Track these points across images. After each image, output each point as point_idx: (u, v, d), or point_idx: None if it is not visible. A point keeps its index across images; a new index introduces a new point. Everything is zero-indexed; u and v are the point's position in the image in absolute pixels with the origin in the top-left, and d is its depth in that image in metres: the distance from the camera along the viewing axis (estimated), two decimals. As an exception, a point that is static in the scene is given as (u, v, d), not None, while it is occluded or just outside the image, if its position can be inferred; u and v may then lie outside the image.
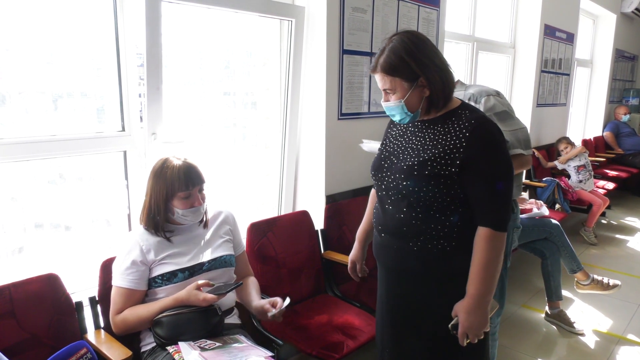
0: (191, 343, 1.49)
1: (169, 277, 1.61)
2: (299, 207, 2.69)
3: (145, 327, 1.60)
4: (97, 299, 1.72)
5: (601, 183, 5.07)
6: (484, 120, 1.38)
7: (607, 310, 3.11)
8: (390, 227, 1.47)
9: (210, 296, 1.53)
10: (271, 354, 1.52)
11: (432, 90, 1.37)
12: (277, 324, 2.07)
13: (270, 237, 2.25)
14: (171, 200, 1.62)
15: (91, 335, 1.67)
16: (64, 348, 1.45)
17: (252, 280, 1.86)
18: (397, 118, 1.45)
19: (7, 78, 1.73)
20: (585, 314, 3.07)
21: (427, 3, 2.97)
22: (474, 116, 1.38)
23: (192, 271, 1.64)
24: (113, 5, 1.86)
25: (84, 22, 1.85)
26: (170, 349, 1.49)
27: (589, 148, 5.53)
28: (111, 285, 1.62)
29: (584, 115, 6.54)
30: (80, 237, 1.98)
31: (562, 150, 4.67)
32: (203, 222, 1.74)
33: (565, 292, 3.05)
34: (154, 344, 1.58)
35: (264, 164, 2.63)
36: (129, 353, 1.54)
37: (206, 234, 1.74)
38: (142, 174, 2.00)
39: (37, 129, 1.78)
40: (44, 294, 1.60)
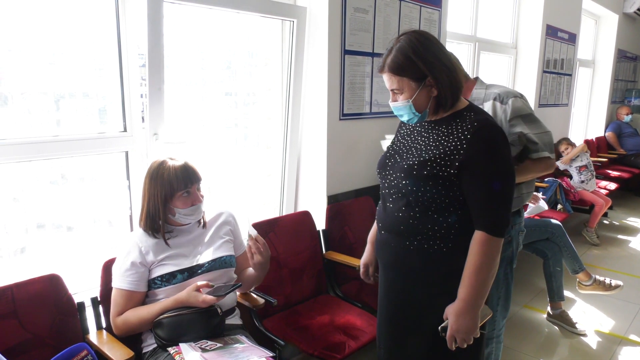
0: (192, 344, 1.49)
1: (168, 278, 1.61)
2: (300, 208, 2.69)
3: (146, 328, 1.60)
4: (99, 299, 1.73)
5: (603, 183, 5.06)
6: (486, 122, 1.37)
7: (609, 311, 3.10)
8: (389, 225, 1.48)
9: (209, 297, 1.53)
10: (272, 354, 1.52)
11: (440, 90, 1.37)
12: (278, 324, 2.08)
13: (272, 238, 2.26)
14: (171, 201, 1.62)
15: (93, 336, 1.67)
16: (64, 350, 1.45)
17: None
18: (405, 118, 1.44)
19: (9, 78, 1.73)
20: (587, 315, 3.06)
21: (428, 3, 2.97)
22: (477, 118, 1.37)
23: (191, 272, 1.64)
24: (115, 5, 1.86)
25: (86, 23, 1.85)
26: (171, 350, 1.49)
27: (591, 148, 5.52)
28: (112, 286, 1.62)
29: (586, 115, 6.53)
30: (82, 237, 1.98)
31: (563, 151, 4.66)
32: (202, 223, 1.74)
33: (567, 293, 3.05)
34: (155, 344, 1.58)
35: (265, 164, 2.63)
36: (131, 354, 1.54)
37: (206, 234, 1.74)
38: (143, 174, 1.99)
39: (39, 130, 1.78)
40: (46, 294, 1.60)
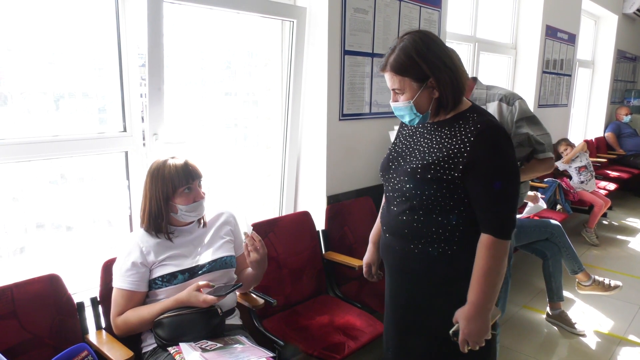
0: (192, 344, 1.49)
1: (169, 279, 1.61)
2: (300, 208, 2.69)
3: (147, 328, 1.60)
4: (98, 299, 1.73)
5: (602, 184, 5.07)
6: (490, 124, 1.35)
7: (609, 311, 3.11)
8: (393, 228, 1.47)
9: (210, 297, 1.53)
10: (272, 354, 1.52)
11: (442, 92, 1.36)
12: (278, 325, 2.08)
13: (272, 238, 2.25)
14: (172, 199, 1.62)
15: (92, 336, 1.67)
16: (64, 351, 1.45)
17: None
18: (407, 119, 1.43)
19: (9, 78, 1.73)
20: (587, 315, 3.06)
21: (428, 4, 2.97)
22: (480, 120, 1.35)
23: (192, 272, 1.64)
24: (115, 5, 1.86)
25: (85, 23, 1.85)
26: (171, 350, 1.49)
27: (590, 149, 5.52)
28: (112, 286, 1.62)
29: (586, 116, 6.53)
30: (81, 237, 1.98)
31: (562, 151, 4.67)
32: (202, 223, 1.74)
33: (566, 293, 3.04)
34: (155, 344, 1.58)
35: (265, 165, 2.63)
36: (131, 354, 1.54)
37: (206, 235, 1.74)
38: (143, 174, 1.99)
39: (38, 130, 1.78)
40: (46, 294, 1.60)
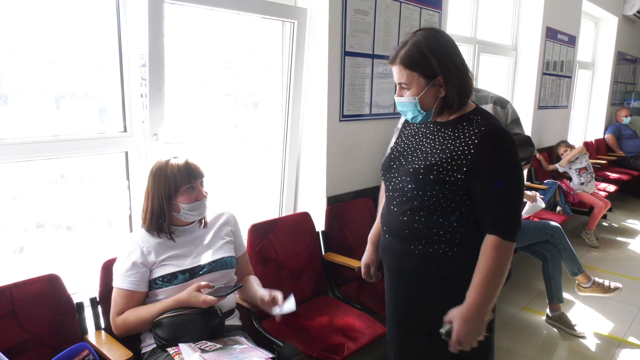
0: (191, 344, 1.49)
1: (170, 279, 1.61)
2: (300, 209, 2.69)
3: (146, 328, 1.60)
4: (98, 299, 1.72)
5: (602, 185, 5.07)
6: (494, 127, 1.34)
7: (608, 313, 3.10)
8: (393, 229, 1.47)
9: (210, 298, 1.53)
10: (272, 355, 1.52)
11: (448, 91, 1.35)
12: (278, 325, 2.07)
13: (271, 239, 2.25)
14: (175, 197, 1.62)
15: (92, 336, 1.67)
16: (65, 350, 1.45)
17: (253, 278, 1.86)
18: (409, 116, 1.42)
19: (9, 78, 1.73)
20: (586, 317, 3.06)
21: (429, 5, 2.97)
22: (484, 122, 1.35)
23: (193, 273, 1.64)
24: (116, 5, 1.86)
25: (86, 22, 1.85)
26: (170, 350, 1.49)
27: (590, 150, 5.52)
28: (112, 286, 1.62)
29: (586, 117, 6.54)
30: (81, 237, 1.97)
31: (562, 154, 4.67)
32: (203, 223, 1.74)
33: (566, 295, 3.04)
34: (155, 345, 1.58)
35: (265, 165, 2.63)
36: (130, 354, 1.54)
37: (207, 235, 1.74)
38: (143, 174, 2.00)
39: (39, 129, 1.78)
40: (45, 294, 1.60)
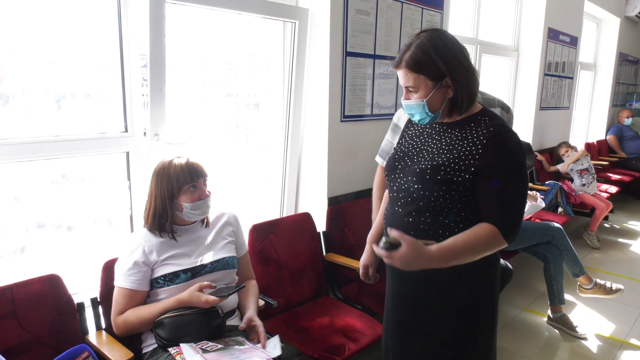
0: (193, 345, 1.48)
1: (171, 278, 1.60)
2: (301, 209, 2.68)
3: (147, 328, 1.60)
4: (98, 300, 1.72)
5: (604, 187, 5.05)
6: (502, 128, 1.33)
7: (610, 315, 3.10)
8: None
9: (212, 298, 1.53)
10: (273, 356, 1.52)
11: (457, 92, 1.33)
12: (278, 326, 2.07)
13: (272, 239, 2.25)
14: (178, 197, 1.62)
15: (92, 337, 1.67)
16: (65, 352, 1.45)
17: (252, 285, 1.84)
18: (417, 118, 1.40)
19: (11, 78, 1.73)
20: (588, 318, 3.05)
21: (430, 5, 2.97)
22: (492, 124, 1.34)
23: (195, 272, 1.64)
24: (117, 5, 1.86)
25: (88, 23, 1.85)
26: (171, 350, 1.49)
27: (592, 152, 5.51)
28: (113, 286, 1.62)
29: (587, 118, 6.53)
30: (82, 237, 1.98)
31: (563, 155, 4.66)
32: (205, 223, 1.74)
33: (567, 296, 3.03)
34: (156, 345, 1.58)
35: (266, 166, 2.63)
36: (130, 354, 1.54)
37: (209, 235, 1.74)
38: (144, 175, 2.00)
39: (40, 130, 1.78)
40: (46, 294, 1.60)
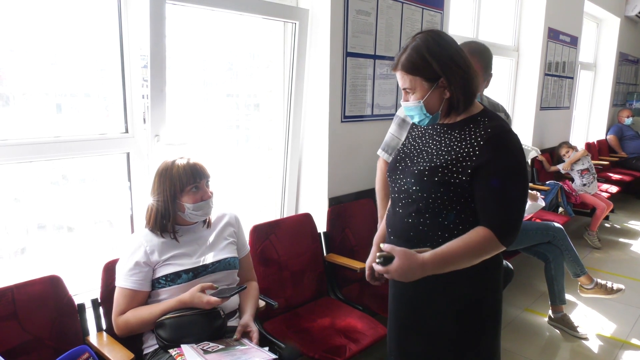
0: (194, 345, 1.48)
1: (173, 278, 1.60)
2: (301, 210, 2.68)
3: (148, 329, 1.60)
4: (99, 300, 1.72)
5: (605, 186, 5.04)
6: (500, 129, 1.33)
7: (611, 315, 3.09)
8: (398, 231, 1.46)
9: (213, 299, 1.52)
10: (274, 356, 1.51)
11: (453, 92, 1.34)
12: (279, 327, 2.07)
13: (273, 240, 2.25)
14: (180, 197, 1.62)
15: (93, 338, 1.66)
16: (65, 353, 1.44)
17: (252, 287, 1.82)
18: (416, 119, 1.41)
19: (11, 79, 1.73)
20: (589, 318, 3.05)
21: (431, 6, 2.97)
22: (491, 125, 1.33)
23: (196, 272, 1.63)
24: (117, 6, 1.86)
25: (88, 23, 1.85)
26: (172, 351, 1.48)
27: (592, 151, 5.51)
28: (114, 287, 1.61)
29: (588, 118, 6.53)
30: (82, 238, 1.97)
31: (564, 155, 4.65)
32: (206, 223, 1.74)
33: (568, 296, 3.03)
34: (157, 346, 1.58)
35: (266, 166, 2.63)
36: (131, 355, 1.54)
37: (210, 235, 1.74)
38: (145, 175, 1.99)
39: (40, 130, 1.78)
40: (46, 295, 1.59)
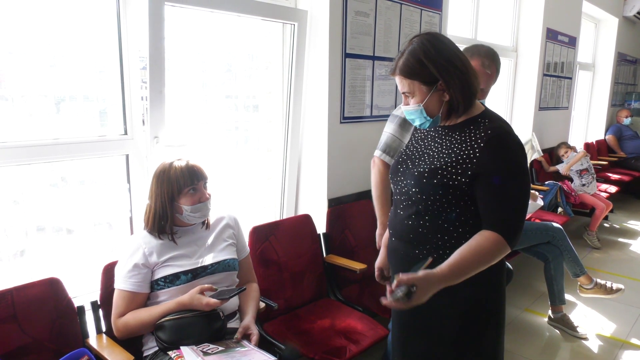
0: (194, 347, 1.48)
1: (172, 280, 1.60)
2: (301, 211, 2.68)
3: (147, 331, 1.60)
4: (99, 303, 1.72)
5: (604, 186, 5.05)
6: (500, 130, 1.32)
7: (611, 314, 3.09)
8: (399, 233, 1.45)
9: (213, 300, 1.52)
10: (274, 358, 1.51)
11: (452, 95, 1.33)
12: (279, 328, 2.07)
13: (273, 241, 2.25)
14: (178, 199, 1.61)
15: (93, 340, 1.66)
16: (64, 356, 1.44)
17: (253, 289, 1.82)
18: (417, 123, 1.40)
19: (10, 81, 1.73)
20: (589, 318, 3.05)
21: (429, 7, 2.97)
22: (491, 126, 1.32)
23: (195, 274, 1.63)
24: (116, 8, 1.86)
25: (87, 25, 1.85)
26: (172, 353, 1.48)
27: (591, 151, 5.52)
28: (113, 289, 1.61)
29: (586, 118, 6.53)
30: (82, 240, 1.97)
31: (562, 155, 4.66)
32: (205, 224, 1.74)
33: (568, 296, 3.03)
34: (156, 348, 1.58)
35: (266, 168, 2.62)
36: (131, 358, 1.54)
37: (209, 236, 1.73)
38: (144, 177, 1.99)
39: (39, 133, 1.77)
40: (46, 298, 1.59)
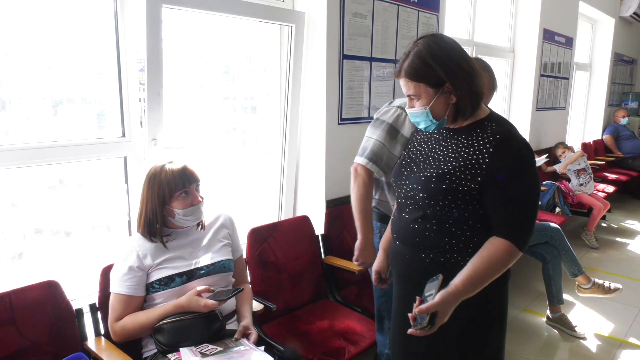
0: (192, 348, 1.48)
1: (167, 282, 1.60)
2: (299, 212, 2.68)
3: (146, 334, 1.59)
4: (97, 305, 1.72)
5: (601, 186, 5.07)
6: (509, 134, 1.30)
7: (609, 314, 3.10)
8: (404, 236, 1.44)
9: (211, 302, 1.52)
10: (272, 358, 1.51)
11: (459, 97, 1.31)
12: (278, 330, 2.07)
13: (271, 243, 2.25)
14: (169, 203, 1.61)
15: (91, 343, 1.66)
16: None
17: (246, 290, 1.82)
18: (422, 125, 1.38)
19: (7, 84, 1.73)
20: (587, 318, 3.06)
21: (426, 8, 2.98)
22: (499, 130, 1.31)
23: (190, 275, 1.63)
24: (114, 10, 1.86)
25: (84, 27, 1.85)
26: (171, 356, 1.48)
27: (588, 151, 5.53)
28: (110, 292, 1.61)
29: (584, 118, 6.55)
30: (80, 243, 1.97)
31: (560, 155, 4.67)
32: (200, 225, 1.73)
33: (566, 296, 3.04)
34: (155, 350, 1.57)
35: (264, 169, 2.63)
36: (130, 360, 1.54)
37: (204, 237, 1.73)
38: (142, 179, 1.99)
39: (37, 135, 1.77)
40: (44, 300, 1.59)
